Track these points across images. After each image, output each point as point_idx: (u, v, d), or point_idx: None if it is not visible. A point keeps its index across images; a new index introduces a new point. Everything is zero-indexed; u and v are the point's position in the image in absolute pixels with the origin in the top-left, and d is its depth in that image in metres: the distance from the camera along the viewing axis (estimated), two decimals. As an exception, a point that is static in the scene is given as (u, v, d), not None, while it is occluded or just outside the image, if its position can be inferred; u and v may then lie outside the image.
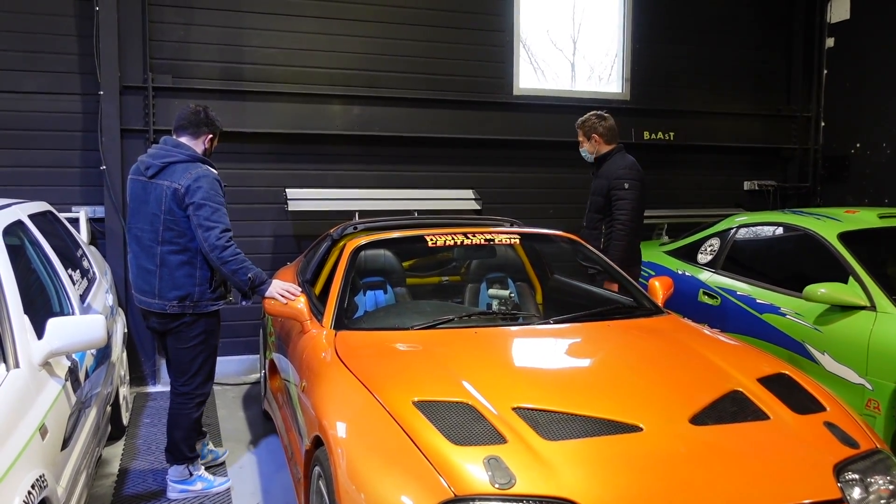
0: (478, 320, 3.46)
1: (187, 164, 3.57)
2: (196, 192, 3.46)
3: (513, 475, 2.08)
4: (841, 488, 2.18)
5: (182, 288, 3.55)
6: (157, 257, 3.55)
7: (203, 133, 3.73)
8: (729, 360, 2.88)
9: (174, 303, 3.55)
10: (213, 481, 3.84)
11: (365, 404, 2.53)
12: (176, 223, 3.52)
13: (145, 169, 3.60)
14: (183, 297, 3.56)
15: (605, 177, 4.76)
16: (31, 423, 2.42)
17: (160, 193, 3.53)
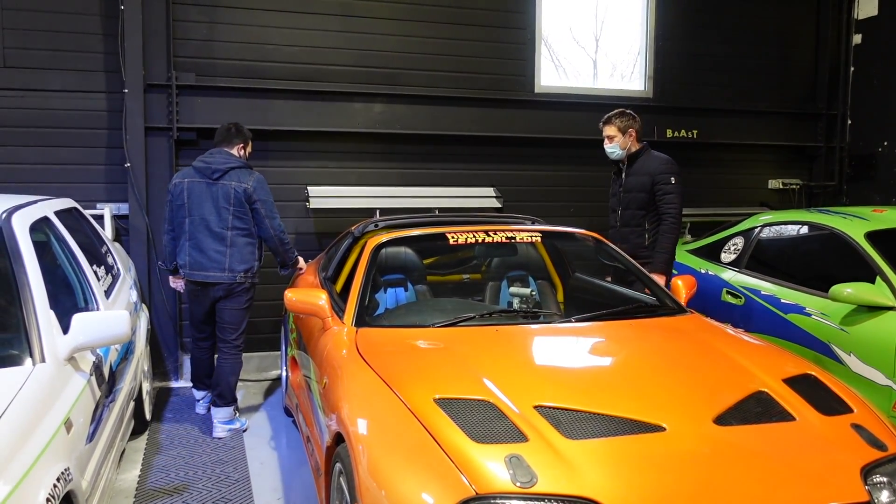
0: (499, 318, 3.45)
1: (245, 169, 4.59)
2: (260, 191, 4.52)
3: (534, 474, 2.07)
4: (868, 491, 2.14)
5: (247, 262, 4.53)
6: (228, 240, 4.48)
7: (236, 143, 4.68)
8: (753, 360, 2.85)
9: (241, 273, 4.50)
10: (245, 422, 4.75)
11: (386, 401, 2.53)
12: (245, 213, 4.50)
13: (211, 173, 4.49)
14: (248, 269, 4.53)
15: (644, 173, 4.75)
16: (56, 417, 2.44)
17: (228, 191, 4.47)
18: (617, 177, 4.92)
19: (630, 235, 4.73)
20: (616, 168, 4.95)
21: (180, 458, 4.25)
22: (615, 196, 4.92)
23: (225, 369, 4.61)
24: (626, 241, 4.71)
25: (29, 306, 2.70)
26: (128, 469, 4.07)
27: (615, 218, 4.88)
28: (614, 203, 4.91)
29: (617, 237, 4.77)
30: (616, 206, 4.87)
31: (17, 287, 2.76)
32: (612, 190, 4.98)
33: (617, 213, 4.86)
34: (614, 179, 4.98)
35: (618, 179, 4.90)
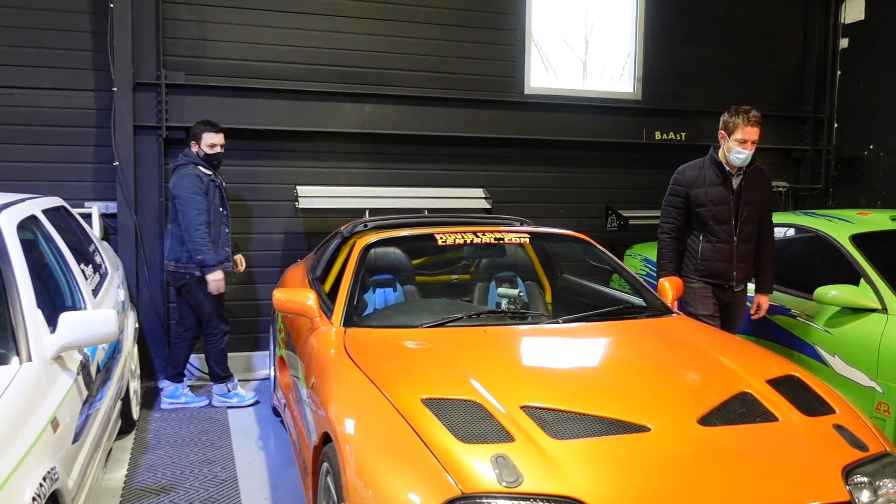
0: (487, 319, 3.47)
1: (181, 166, 4.96)
2: (179, 186, 4.86)
3: (520, 473, 2.08)
4: (850, 491, 2.17)
5: (175, 253, 4.94)
6: (168, 232, 5.04)
7: (191, 141, 5.02)
8: (738, 361, 2.87)
9: (172, 263, 4.98)
10: (244, 396, 5.18)
11: (373, 401, 2.54)
12: (175, 208, 4.92)
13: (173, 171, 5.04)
14: (176, 260, 4.94)
15: (762, 183, 4.32)
16: (42, 416, 2.44)
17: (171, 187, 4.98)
18: (720, 185, 4.18)
19: (749, 254, 4.26)
20: (714, 173, 4.22)
21: (167, 457, 4.24)
22: (723, 205, 4.17)
23: (207, 353, 5.16)
24: (744, 259, 4.23)
25: (16, 305, 2.69)
26: (115, 468, 4.06)
27: (727, 233, 4.17)
28: (722, 214, 4.17)
29: (729, 256, 4.19)
30: (728, 217, 4.16)
31: (3, 286, 2.76)
32: (712, 197, 4.18)
33: (732, 225, 4.17)
34: (713, 185, 4.19)
35: (722, 186, 4.18)
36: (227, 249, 5.03)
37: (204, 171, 4.90)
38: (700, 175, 4.26)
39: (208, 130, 4.94)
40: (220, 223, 4.98)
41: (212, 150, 4.94)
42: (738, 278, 4.24)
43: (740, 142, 4.10)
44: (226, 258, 4.99)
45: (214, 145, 4.95)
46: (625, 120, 6.88)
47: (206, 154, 4.93)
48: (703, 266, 4.24)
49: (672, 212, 4.36)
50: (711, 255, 4.22)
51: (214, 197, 4.94)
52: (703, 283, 4.25)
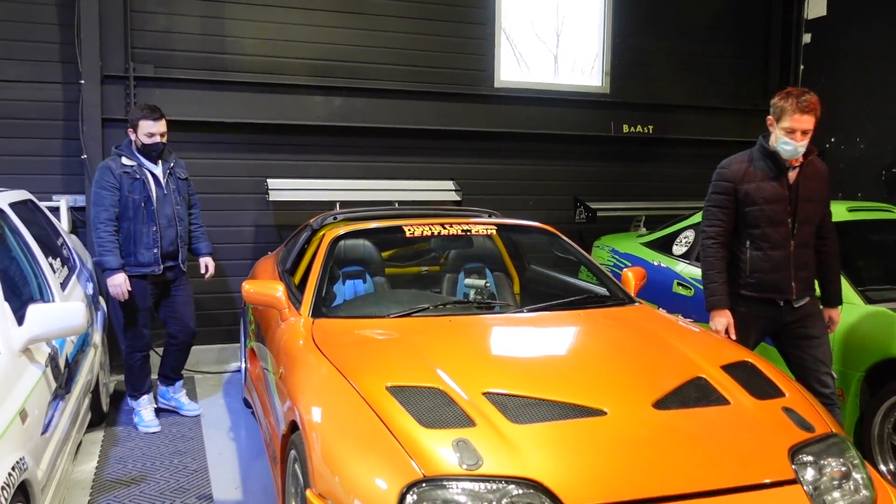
0: (453, 309, 3.53)
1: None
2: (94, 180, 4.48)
3: (480, 456, 2.15)
4: (795, 470, 2.27)
5: None
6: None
7: (129, 128, 4.50)
8: (694, 348, 2.97)
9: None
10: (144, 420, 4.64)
11: (339, 390, 2.59)
12: None
13: None
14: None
15: (821, 178, 3.65)
16: (11, 407, 2.46)
17: None
18: (774, 180, 3.50)
19: (809, 260, 3.62)
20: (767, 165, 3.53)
21: (138, 449, 4.27)
22: (778, 203, 3.49)
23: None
24: (803, 266, 3.56)
25: (-18, 298, 2.71)
26: (85, 461, 4.07)
27: (782, 236, 3.52)
28: (777, 214, 3.50)
29: (784, 263, 3.52)
30: (783, 218, 3.51)
31: (-30, 279, 2.77)
32: (765, 193, 3.50)
33: (788, 227, 3.52)
34: (765, 179, 3.51)
35: (776, 181, 3.50)
36: (155, 251, 4.45)
37: (124, 163, 4.39)
38: (749, 168, 3.57)
39: (146, 117, 4.37)
40: (142, 221, 4.41)
41: (149, 139, 4.39)
42: (798, 290, 3.53)
43: (788, 131, 3.42)
44: (151, 261, 4.45)
45: (153, 134, 4.39)
46: (593, 113, 6.98)
47: (143, 144, 4.41)
48: (755, 279, 3.54)
49: (718, 213, 3.61)
50: (763, 264, 3.53)
51: (134, 191, 4.38)
52: (751, 304, 3.57)
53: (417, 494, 2.06)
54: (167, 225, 4.51)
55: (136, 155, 4.45)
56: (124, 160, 4.41)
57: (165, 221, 4.50)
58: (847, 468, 2.36)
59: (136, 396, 4.66)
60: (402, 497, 2.06)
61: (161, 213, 4.48)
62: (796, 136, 3.43)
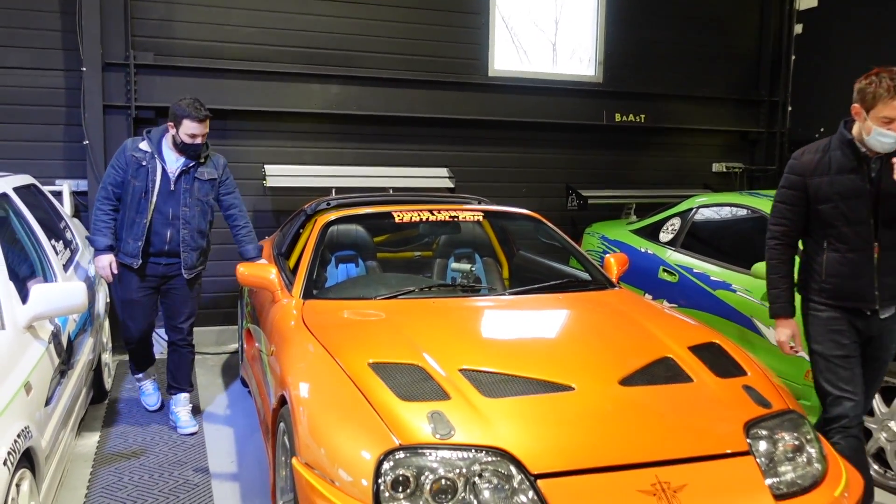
0: (438, 292, 3.68)
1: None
2: None
3: (453, 427, 2.31)
4: (749, 443, 2.42)
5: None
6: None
7: (170, 122, 4.23)
8: (665, 329, 3.12)
9: None
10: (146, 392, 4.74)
11: (325, 366, 2.75)
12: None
13: None
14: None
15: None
16: (16, 379, 2.62)
17: None
18: (852, 172, 3.01)
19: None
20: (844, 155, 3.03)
21: (138, 425, 4.44)
22: (857, 198, 3.01)
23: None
24: (891, 272, 3.07)
25: (-12, 277, 2.86)
26: (87, 435, 4.24)
27: (863, 237, 3.05)
28: (856, 212, 3.03)
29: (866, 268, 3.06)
30: (863, 215, 3.03)
31: (-24, 259, 2.92)
32: (840, 188, 3.03)
33: (869, 226, 3.03)
34: (841, 171, 3.03)
35: (854, 174, 3.00)
36: (139, 244, 4.15)
37: (140, 146, 4.18)
38: (823, 159, 3.10)
39: (191, 117, 4.07)
40: (135, 210, 4.15)
41: (191, 140, 4.11)
42: (882, 299, 3.07)
43: (886, 121, 2.87)
44: (133, 252, 4.17)
45: (195, 136, 4.12)
46: (586, 102, 7.09)
47: (183, 143, 4.14)
48: (830, 284, 3.12)
49: (784, 210, 3.21)
50: (840, 268, 3.09)
51: (137, 177, 4.13)
52: (833, 309, 3.15)
53: (394, 461, 2.22)
54: (164, 222, 4.18)
55: (159, 143, 4.20)
56: (143, 144, 4.19)
57: (162, 218, 4.17)
58: (800, 442, 2.51)
59: (136, 372, 4.71)
60: (379, 464, 2.22)
61: (160, 209, 4.16)
62: (888, 125, 2.87)
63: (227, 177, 4.41)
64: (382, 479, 2.20)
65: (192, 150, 4.17)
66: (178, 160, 4.20)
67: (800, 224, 3.21)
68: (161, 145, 4.21)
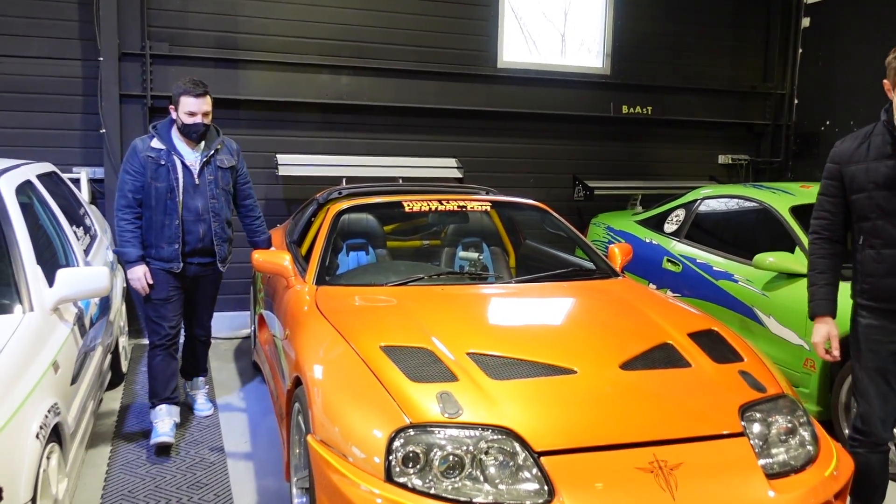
0: (447, 279, 3.80)
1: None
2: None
3: (460, 407, 2.43)
4: (744, 425, 2.53)
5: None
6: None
7: (171, 105, 4.00)
8: (665, 317, 3.22)
9: None
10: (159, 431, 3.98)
11: (339, 349, 2.87)
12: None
13: None
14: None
15: None
16: (45, 358, 2.76)
17: None
18: (889, 158, 2.76)
19: None
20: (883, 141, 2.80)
21: (155, 406, 4.58)
22: (891, 188, 2.75)
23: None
24: None
25: (18, 261, 3.00)
26: (106, 416, 4.39)
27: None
28: (891, 201, 2.76)
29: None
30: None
31: (6, 244, 3.06)
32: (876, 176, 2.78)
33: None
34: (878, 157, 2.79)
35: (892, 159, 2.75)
36: (176, 247, 3.97)
37: (152, 145, 3.93)
38: (861, 146, 2.86)
39: (187, 93, 3.87)
40: (164, 212, 3.93)
41: (190, 119, 3.87)
42: None
43: None
44: (171, 257, 3.98)
45: (194, 114, 3.87)
46: (593, 94, 7.18)
47: (183, 124, 3.90)
48: (868, 284, 2.88)
49: (823, 202, 3.00)
50: (875, 266, 2.84)
51: (158, 178, 3.90)
52: (874, 315, 2.88)
53: (404, 438, 2.34)
54: (195, 219, 3.99)
55: (170, 137, 3.97)
56: (154, 142, 3.94)
57: (193, 216, 3.98)
58: (793, 425, 2.62)
59: (155, 403, 4.07)
60: (390, 441, 2.34)
61: (188, 206, 3.97)
62: None
63: (243, 164, 4.30)
64: (394, 455, 2.32)
65: (194, 131, 3.91)
66: (196, 152, 4.00)
67: (840, 217, 2.96)
68: (172, 139, 3.97)
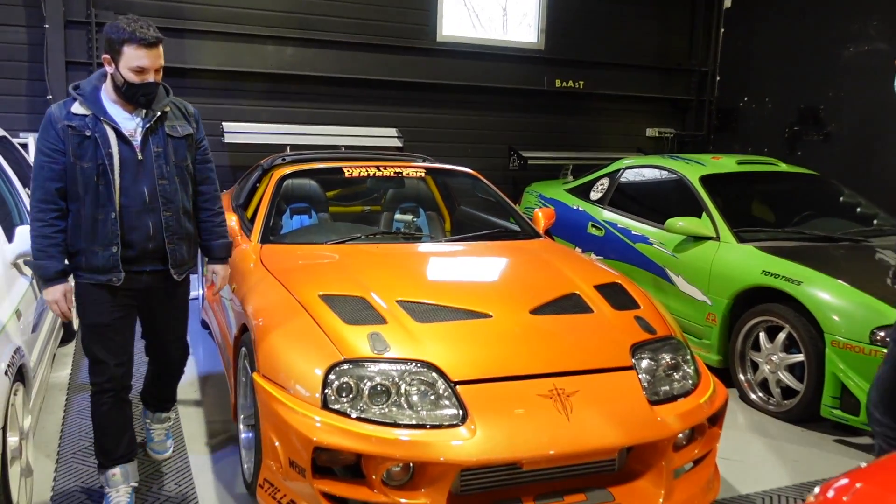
0: (382, 238, 4.13)
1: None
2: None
3: (388, 345, 2.78)
4: (633, 361, 2.94)
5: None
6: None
7: (105, 55, 2.79)
8: (576, 271, 3.62)
9: None
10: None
11: (281, 298, 3.19)
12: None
13: None
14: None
15: None
16: (9, 306, 3.01)
17: None
18: None
19: None
20: None
21: (106, 360, 4.81)
22: None
23: None
24: None
25: (-21, 218, 3.22)
26: (59, 369, 4.62)
27: None
28: None
29: None
30: None
31: (-34, 203, 3.27)
32: None
33: None
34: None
35: None
36: (114, 250, 2.82)
37: (73, 111, 2.79)
38: None
39: (134, 41, 2.69)
40: (95, 202, 2.79)
41: (138, 77, 2.74)
42: None
43: None
44: (108, 265, 2.82)
45: (144, 70, 2.74)
46: (528, 68, 7.54)
47: (127, 84, 2.75)
48: None
49: None
50: None
51: (83, 155, 2.76)
52: None
53: (338, 371, 2.68)
54: (141, 209, 2.86)
55: (97, 98, 2.82)
56: (75, 107, 2.80)
57: (137, 203, 2.85)
58: (677, 362, 3.04)
59: (106, 466, 3.02)
60: (327, 373, 2.68)
61: (129, 192, 2.83)
62: None
63: (202, 135, 3.20)
64: (329, 386, 2.66)
65: (143, 93, 2.80)
66: (136, 116, 2.85)
67: None
68: (100, 100, 2.83)
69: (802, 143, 7.41)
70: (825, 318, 3.93)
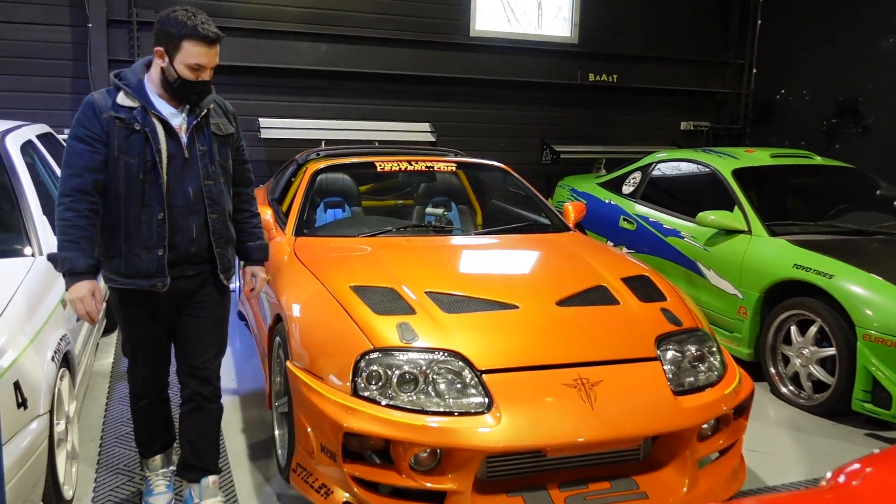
0: (413, 231, 4.21)
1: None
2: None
3: (416, 334, 2.85)
4: (658, 352, 2.97)
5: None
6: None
7: (158, 48, 2.64)
8: (604, 264, 3.65)
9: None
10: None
11: (314, 288, 3.28)
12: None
13: None
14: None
15: None
16: (55, 295, 3.15)
17: None
18: None
19: None
20: None
21: (147, 349, 4.98)
22: None
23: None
24: None
25: (27, 211, 3.37)
26: (102, 357, 4.79)
27: None
28: None
29: None
30: None
31: (16, 196, 3.42)
32: None
33: None
34: None
35: None
36: (159, 253, 2.68)
37: (119, 101, 2.63)
38: None
39: (196, 38, 2.57)
40: (139, 201, 2.65)
41: (194, 74, 2.62)
42: None
43: None
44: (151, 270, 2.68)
45: (200, 68, 2.62)
46: (561, 62, 7.55)
47: (180, 79, 2.61)
48: None
49: None
50: None
51: (130, 150, 2.62)
52: None
53: (368, 360, 2.77)
54: (186, 209, 2.74)
55: (144, 90, 2.66)
56: (121, 97, 2.64)
57: (183, 203, 2.73)
58: (702, 353, 3.07)
59: (144, 454, 3.10)
60: (357, 362, 2.77)
61: (175, 191, 2.71)
62: None
63: (240, 135, 3.07)
64: (360, 374, 2.74)
65: (195, 92, 2.69)
66: (182, 111, 2.72)
67: None
68: (147, 92, 2.67)
69: (840, 135, 7.31)
70: (857, 311, 3.91)
